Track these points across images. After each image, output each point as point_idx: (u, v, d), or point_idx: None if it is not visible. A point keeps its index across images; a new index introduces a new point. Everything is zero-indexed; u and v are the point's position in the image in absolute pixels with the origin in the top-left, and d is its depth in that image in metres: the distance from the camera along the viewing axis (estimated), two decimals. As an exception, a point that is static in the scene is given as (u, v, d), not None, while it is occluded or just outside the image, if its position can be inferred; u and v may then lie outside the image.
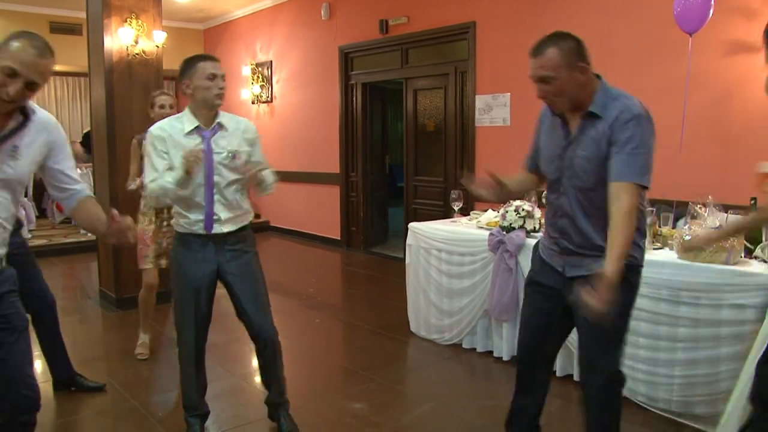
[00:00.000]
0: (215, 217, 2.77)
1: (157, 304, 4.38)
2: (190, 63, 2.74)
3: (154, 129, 2.79)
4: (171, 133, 2.74)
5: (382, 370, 3.88)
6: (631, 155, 2.08)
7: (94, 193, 5.98)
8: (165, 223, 3.97)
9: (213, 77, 2.70)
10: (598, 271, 2.05)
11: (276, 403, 3.03)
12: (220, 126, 2.78)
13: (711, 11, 3.97)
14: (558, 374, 3.61)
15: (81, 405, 3.45)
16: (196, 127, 2.74)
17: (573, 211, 2.26)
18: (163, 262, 4.01)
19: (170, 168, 2.71)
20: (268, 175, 2.82)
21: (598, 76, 2.22)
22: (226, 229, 2.80)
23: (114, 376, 3.78)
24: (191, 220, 2.78)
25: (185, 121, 2.76)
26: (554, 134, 2.30)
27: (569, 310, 2.32)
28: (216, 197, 2.76)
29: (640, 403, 3.20)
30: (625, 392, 3.23)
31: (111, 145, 5.17)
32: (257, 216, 8.09)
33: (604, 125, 2.14)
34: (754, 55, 4.23)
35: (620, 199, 2.08)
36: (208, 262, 2.81)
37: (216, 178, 2.74)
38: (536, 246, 2.53)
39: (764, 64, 2.04)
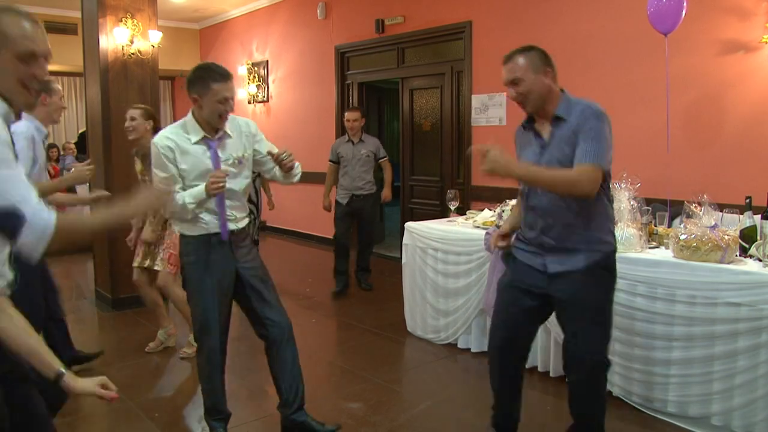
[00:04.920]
0: (231, 217, 2.79)
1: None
2: (203, 80, 2.60)
3: (161, 139, 2.68)
4: (178, 142, 2.68)
5: (378, 370, 3.88)
6: (593, 142, 2.28)
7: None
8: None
9: (225, 101, 2.62)
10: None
11: (299, 406, 2.94)
12: (225, 134, 2.74)
13: (684, 11, 3.90)
14: (551, 375, 3.62)
15: (76, 406, 3.43)
16: (203, 137, 2.70)
17: (555, 207, 2.41)
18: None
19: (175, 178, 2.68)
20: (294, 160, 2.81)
21: (561, 90, 2.45)
22: (242, 224, 2.84)
23: (109, 377, 3.73)
24: (208, 222, 2.74)
25: (190, 129, 2.70)
26: (529, 146, 2.49)
27: (546, 306, 2.54)
28: (229, 203, 2.77)
29: (636, 405, 3.19)
30: (620, 393, 3.25)
31: (106, 146, 5.15)
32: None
33: (569, 126, 2.35)
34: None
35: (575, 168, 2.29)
36: (228, 261, 2.80)
37: (228, 184, 2.70)
38: (507, 255, 2.66)
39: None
